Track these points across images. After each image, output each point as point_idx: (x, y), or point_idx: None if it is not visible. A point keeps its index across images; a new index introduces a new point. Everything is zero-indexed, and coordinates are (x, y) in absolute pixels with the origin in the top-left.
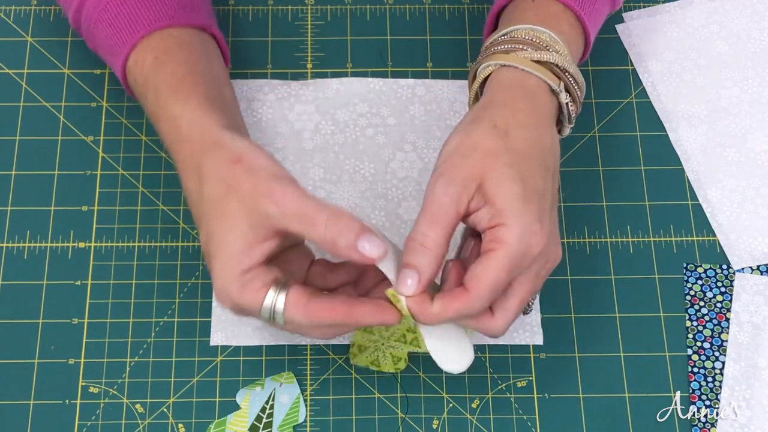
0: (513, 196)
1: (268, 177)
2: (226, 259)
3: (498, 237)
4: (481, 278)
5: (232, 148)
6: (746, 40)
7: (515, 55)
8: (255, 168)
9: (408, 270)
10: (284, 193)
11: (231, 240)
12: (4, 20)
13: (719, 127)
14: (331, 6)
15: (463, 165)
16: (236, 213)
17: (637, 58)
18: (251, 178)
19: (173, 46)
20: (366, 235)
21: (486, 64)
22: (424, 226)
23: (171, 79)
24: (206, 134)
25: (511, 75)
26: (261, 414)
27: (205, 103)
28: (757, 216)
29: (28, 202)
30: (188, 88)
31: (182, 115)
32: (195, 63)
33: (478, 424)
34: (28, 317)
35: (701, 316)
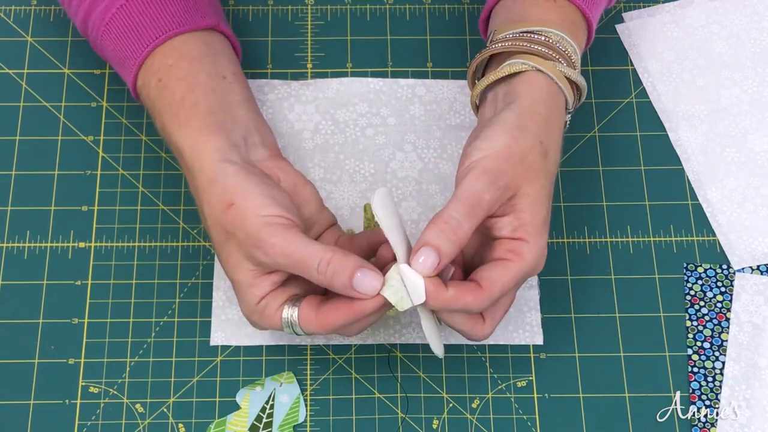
0: (539, 218)
1: (258, 226)
2: (242, 293)
3: (518, 250)
4: (496, 281)
5: (225, 186)
6: (746, 40)
7: (552, 66)
8: (245, 215)
9: (430, 250)
10: (272, 244)
11: (240, 277)
12: (4, 20)
13: (719, 127)
14: (331, 6)
15: (509, 171)
16: (238, 255)
17: (637, 58)
18: (243, 228)
19: (176, 61)
20: (359, 274)
21: (522, 61)
22: (460, 214)
23: (172, 101)
24: (204, 167)
25: (548, 86)
26: (261, 414)
27: (204, 124)
28: (757, 216)
29: (28, 202)
30: (188, 109)
31: (184, 144)
32: (196, 75)
33: (478, 424)
34: (28, 317)
35: (701, 316)
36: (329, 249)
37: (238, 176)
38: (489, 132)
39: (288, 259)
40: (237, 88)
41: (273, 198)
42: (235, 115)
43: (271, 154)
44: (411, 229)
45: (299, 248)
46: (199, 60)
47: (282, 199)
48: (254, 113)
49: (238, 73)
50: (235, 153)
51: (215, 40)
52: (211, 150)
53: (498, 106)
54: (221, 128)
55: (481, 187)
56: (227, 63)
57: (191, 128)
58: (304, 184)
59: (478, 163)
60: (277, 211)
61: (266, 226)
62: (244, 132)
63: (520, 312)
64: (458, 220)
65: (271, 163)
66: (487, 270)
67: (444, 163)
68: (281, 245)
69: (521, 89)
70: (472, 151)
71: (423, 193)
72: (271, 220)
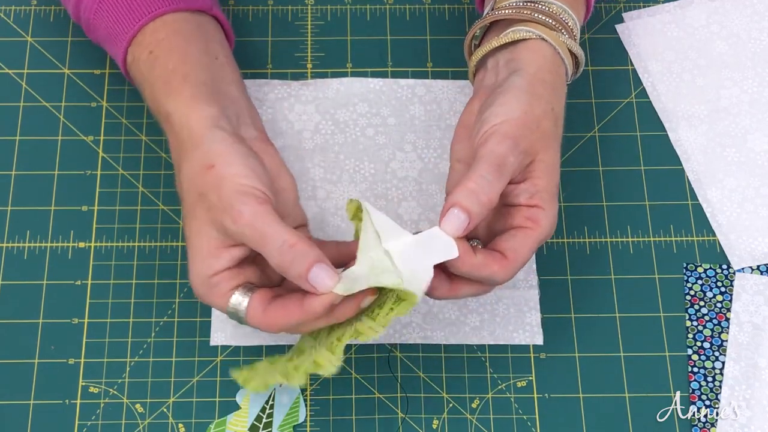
0: (554, 183)
1: (232, 191)
2: (197, 260)
3: (535, 217)
4: (519, 251)
5: (209, 150)
6: (746, 40)
7: (556, 36)
8: (223, 178)
9: (461, 212)
10: (241, 212)
11: (200, 243)
12: (4, 20)
13: (719, 127)
14: (331, 6)
15: (528, 137)
16: (204, 219)
17: (637, 58)
18: (217, 190)
19: (167, 35)
20: (317, 267)
21: (527, 29)
22: (489, 175)
23: (163, 72)
24: (192, 131)
25: (552, 55)
26: (261, 414)
27: (196, 93)
28: (757, 216)
29: (28, 202)
30: (180, 79)
31: (175, 110)
32: (188, 49)
33: (478, 424)
34: (28, 317)
35: (701, 316)
36: (296, 234)
37: (225, 143)
38: (504, 98)
39: (253, 232)
40: (229, 69)
41: (254, 171)
42: (228, 92)
43: (259, 136)
44: (411, 229)
45: (267, 224)
46: (191, 37)
47: (263, 176)
48: (246, 96)
49: (230, 57)
50: (226, 122)
51: (207, 22)
52: (203, 116)
53: (500, 72)
54: (214, 99)
55: (505, 150)
56: (219, 46)
57: (183, 95)
58: (285, 174)
59: (499, 127)
60: (255, 183)
61: (241, 193)
62: (236, 109)
63: (520, 312)
64: (488, 180)
65: (259, 145)
66: (509, 240)
67: (444, 163)
68: (250, 215)
69: (526, 56)
70: (490, 116)
71: (423, 193)
72: (247, 189)
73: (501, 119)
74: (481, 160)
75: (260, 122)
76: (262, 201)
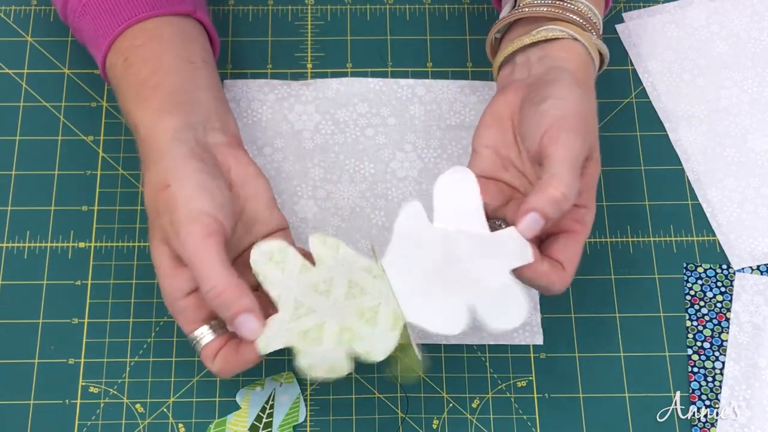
0: (595, 183)
1: (182, 217)
2: (159, 278)
3: (584, 219)
4: (573, 261)
5: (167, 168)
6: (746, 40)
7: (588, 36)
8: (176, 201)
9: (541, 217)
10: (186, 241)
11: (159, 260)
12: (4, 20)
13: (719, 127)
14: (331, 6)
15: (590, 132)
16: (160, 238)
17: (637, 58)
18: (169, 213)
19: (144, 42)
20: (242, 317)
21: (560, 28)
22: (571, 180)
23: (135, 81)
24: (154, 145)
25: (585, 56)
26: (261, 414)
27: (163, 104)
28: (757, 216)
29: (28, 202)
30: (150, 89)
31: (141, 121)
32: (163, 56)
33: (478, 424)
34: (28, 317)
35: (701, 316)
36: (228, 281)
37: (183, 160)
38: (558, 91)
39: (192, 265)
40: (204, 73)
41: (208, 191)
42: (198, 98)
43: (229, 141)
44: None
45: (204, 262)
46: (168, 43)
47: (218, 194)
48: (218, 101)
49: (209, 61)
50: (189, 133)
51: (189, 26)
52: (166, 129)
53: (533, 68)
54: (180, 109)
55: (578, 150)
56: (198, 49)
57: (150, 106)
58: (256, 177)
59: (565, 122)
60: (206, 207)
61: (189, 220)
62: (204, 116)
63: None
64: (569, 185)
65: (226, 150)
66: (564, 249)
67: (444, 163)
68: (192, 248)
69: (561, 56)
70: (549, 109)
71: (423, 193)
72: (196, 215)
73: (561, 112)
74: (557, 161)
75: (233, 126)
76: (209, 233)
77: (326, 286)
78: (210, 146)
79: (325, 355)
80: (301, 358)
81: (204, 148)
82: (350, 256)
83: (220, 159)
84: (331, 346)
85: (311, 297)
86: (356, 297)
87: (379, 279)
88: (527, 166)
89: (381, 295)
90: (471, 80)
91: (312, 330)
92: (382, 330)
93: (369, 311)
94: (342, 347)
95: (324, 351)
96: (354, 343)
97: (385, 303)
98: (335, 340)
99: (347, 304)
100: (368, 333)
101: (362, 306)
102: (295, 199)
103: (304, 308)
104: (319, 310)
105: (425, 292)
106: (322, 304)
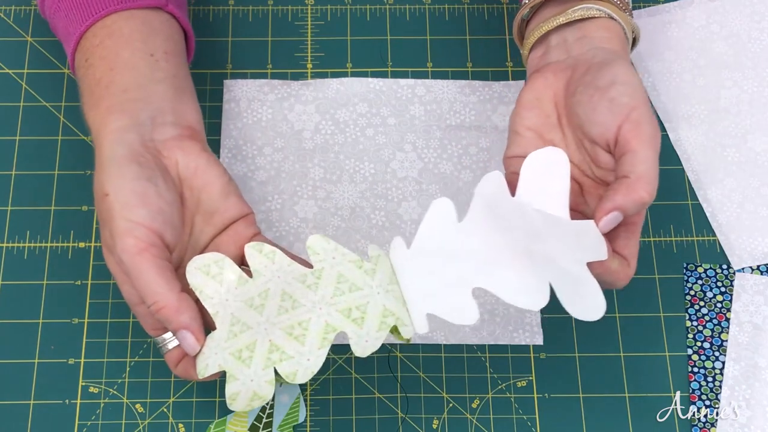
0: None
1: (119, 229)
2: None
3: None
4: (635, 255)
5: (107, 174)
6: (746, 40)
7: (625, 16)
8: (113, 210)
9: (621, 215)
10: (120, 257)
11: (111, 269)
12: (4, 20)
13: (719, 127)
14: (331, 6)
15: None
16: (106, 248)
17: (637, 58)
18: (109, 222)
19: (102, 40)
20: (180, 334)
21: (597, 7)
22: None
23: (91, 82)
24: (101, 148)
25: (623, 35)
26: (261, 414)
27: (113, 103)
28: (757, 216)
29: (28, 202)
30: (103, 89)
31: (92, 123)
32: (119, 52)
33: (478, 424)
34: (28, 317)
35: (701, 316)
36: (166, 296)
37: (120, 166)
38: (617, 74)
39: (131, 280)
40: (163, 66)
41: (144, 199)
42: (151, 92)
43: (180, 134)
44: (411, 229)
45: (141, 278)
46: (127, 38)
47: (155, 200)
48: (178, 91)
49: (172, 53)
50: (133, 133)
51: (153, 18)
52: (110, 130)
53: (572, 49)
54: (128, 107)
55: (659, 144)
56: (161, 42)
57: (100, 108)
58: (207, 167)
59: (642, 115)
60: (140, 217)
61: (124, 235)
62: (154, 110)
63: (520, 312)
64: (653, 184)
65: (174, 143)
66: (627, 244)
67: (444, 163)
68: (128, 264)
69: (600, 35)
70: (619, 96)
71: (423, 193)
72: (131, 228)
73: (634, 101)
74: (645, 161)
75: (191, 116)
76: (143, 247)
77: (261, 299)
78: (156, 143)
79: (252, 379)
80: (228, 384)
81: (147, 148)
82: (286, 266)
83: (165, 154)
84: (259, 368)
85: (246, 312)
86: (288, 311)
87: (312, 287)
88: (572, 150)
89: (314, 307)
90: (471, 80)
91: (245, 349)
92: (309, 349)
93: (299, 327)
94: (269, 370)
95: (252, 373)
96: (281, 363)
97: (316, 316)
98: (264, 361)
99: (279, 319)
100: (296, 352)
101: (292, 321)
102: (295, 199)
103: (239, 325)
104: (253, 327)
105: (507, 264)
106: (255, 319)
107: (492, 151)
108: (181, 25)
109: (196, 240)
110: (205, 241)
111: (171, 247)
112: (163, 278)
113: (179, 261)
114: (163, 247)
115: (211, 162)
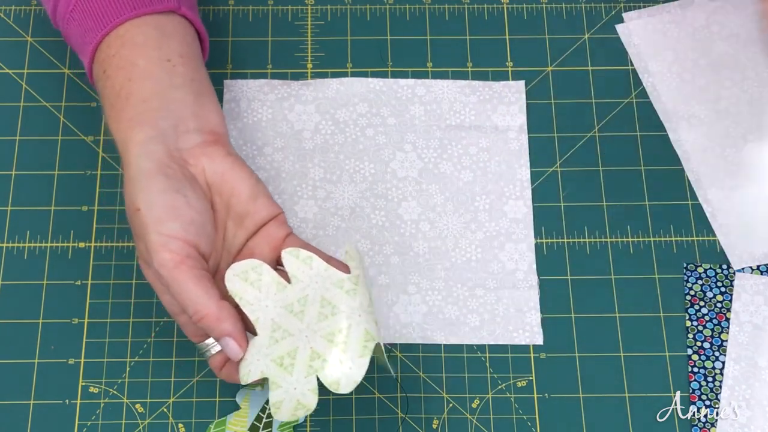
0: None
1: (154, 243)
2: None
3: None
4: None
5: (137, 189)
6: (746, 40)
7: None
8: (147, 225)
9: None
10: (158, 272)
11: (150, 280)
12: (4, 20)
13: (719, 128)
14: (331, 6)
15: None
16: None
17: (637, 58)
18: (143, 237)
19: (117, 50)
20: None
21: None
22: None
23: (111, 94)
24: (128, 161)
25: None
26: (261, 414)
27: (134, 114)
28: (757, 216)
29: (28, 202)
30: (123, 101)
31: (116, 134)
32: (136, 61)
33: (478, 424)
34: (28, 317)
35: (701, 316)
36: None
37: (148, 179)
38: None
39: (171, 293)
40: (181, 70)
41: (175, 212)
42: (171, 99)
43: (204, 140)
44: (411, 229)
45: (182, 290)
46: (141, 45)
47: (186, 211)
48: (196, 96)
49: (188, 56)
50: (158, 144)
51: (169, 23)
52: (135, 143)
53: None
54: (150, 117)
55: None
56: (177, 45)
57: (122, 121)
58: (233, 170)
59: None
60: (173, 230)
61: (159, 249)
62: (176, 119)
63: (520, 312)
64: None
65: (200, 151)
66: None
67: (444, 163)
68: (167, 278)
69: None
70: None
71: (423, 193)
72: (166, 242)
73: None
74: None
75: (214, 120)
76: (180, 260)
77: (301, 305)
78: (182, 152)
79: (295, 387)
80: (272, 392)
81: (173, 158)
82: (323, 271)
83: (192, 162)
84: (301, 376)
85: (287, 318)
86: (328, 318)
87: (351, 293)
88: None
89: (353, 314)
90: (471, 80)
91: (287, 356)
92: (351, 357)
93: (340, 334)
94: (311, 378)
95: (294, 381)
96: (323, 371)
97: (356, 324)
98: (306, 369)
99: (320, 326)
100: (337, 360)
101: (333, 328)
102: (295, 199)
103: (280, 331)
104: (295, 333)
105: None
106: (296, 326)
107: (492, 151)
108: (195, 26)
109: (230, 245)
110: (238, 245)
111: (206, 256)
112: (202, 288)
113: (215, 267)
114: (198, 257)
115: (236, 165)
